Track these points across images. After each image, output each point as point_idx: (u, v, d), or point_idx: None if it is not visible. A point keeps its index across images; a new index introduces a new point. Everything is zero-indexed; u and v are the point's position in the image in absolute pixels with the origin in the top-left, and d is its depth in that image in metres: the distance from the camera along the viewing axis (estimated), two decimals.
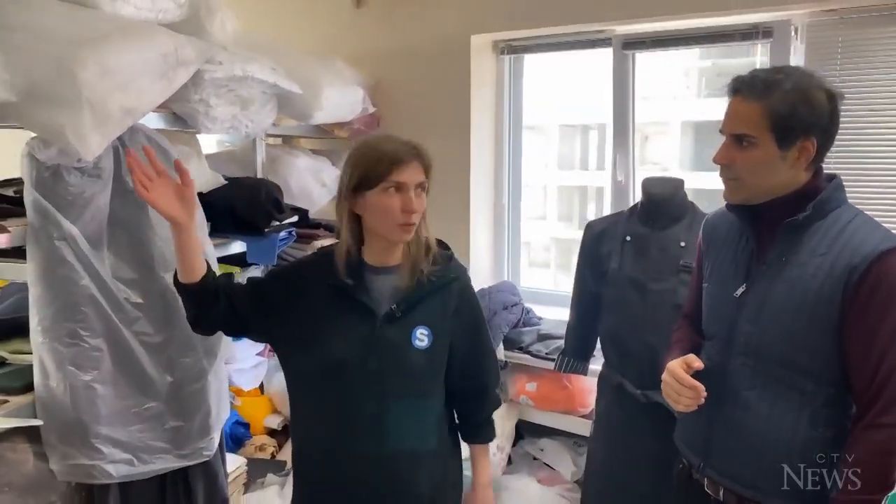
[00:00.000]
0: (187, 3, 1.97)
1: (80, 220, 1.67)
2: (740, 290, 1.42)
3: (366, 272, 1.51)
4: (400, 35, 3.15)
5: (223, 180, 2.32)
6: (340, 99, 2.72)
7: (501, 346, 2.81)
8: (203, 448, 1.91)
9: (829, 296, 1.29)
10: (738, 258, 1.46)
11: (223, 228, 2.22)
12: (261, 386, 2.80)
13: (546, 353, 2.71)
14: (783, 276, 1.35)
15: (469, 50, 3.02)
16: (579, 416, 2.71)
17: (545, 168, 7.11)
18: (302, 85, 2.41)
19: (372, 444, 1.48)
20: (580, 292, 2.28)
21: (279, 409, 2.84)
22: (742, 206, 1.43)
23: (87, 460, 1.69)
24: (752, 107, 1.33)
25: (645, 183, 2.10)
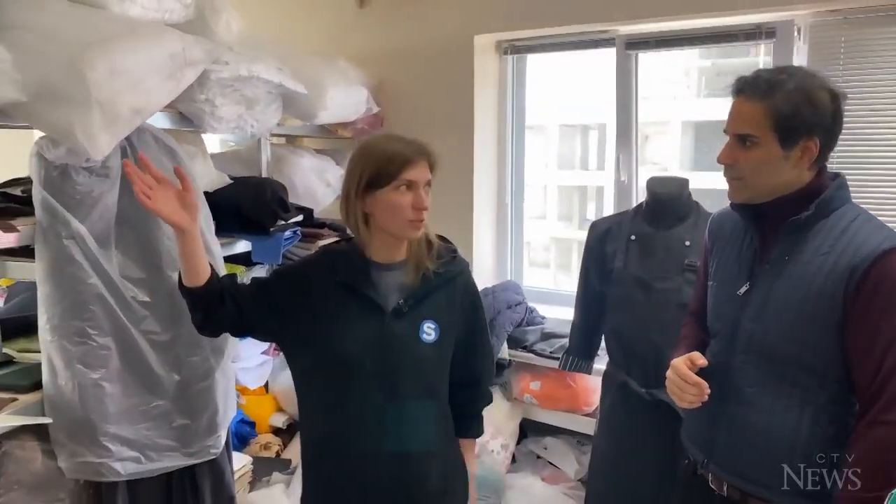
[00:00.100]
0: (193, 4, 1.98)
1: (88, 220, 1.68)
2: (743, 289, 1.43)
3: (372, 269, 1.53)
4: (403, 35, 3.15)
5: (228, 180, 2.33)
6: (345, 99, 2.73)
7: (505, 345, 2.82)
8: (210, 446, 1.91)
9: (831, 294, 1.29)
10: (742, 257, 1.47)
11: (228, 228, 2.22)
12: (265, 385, 2.81)
13: (550, 352, 2.72)
14: (786, 275, 1.36)
15: (472, 50, 3.03)
16: (583, 415, 2.72)
17: (545, 168, 7.12)
18: (307, 85, 2.42)
19: (385, 440, 1.49)
20: (585, 291, 2.29)
21: (284, 407, 2.85)
22: (746, 206, 1.44)
23: (96, 458, 1.70)
24: (756, 107, 1.34)
25: (650, 182, 2.11)
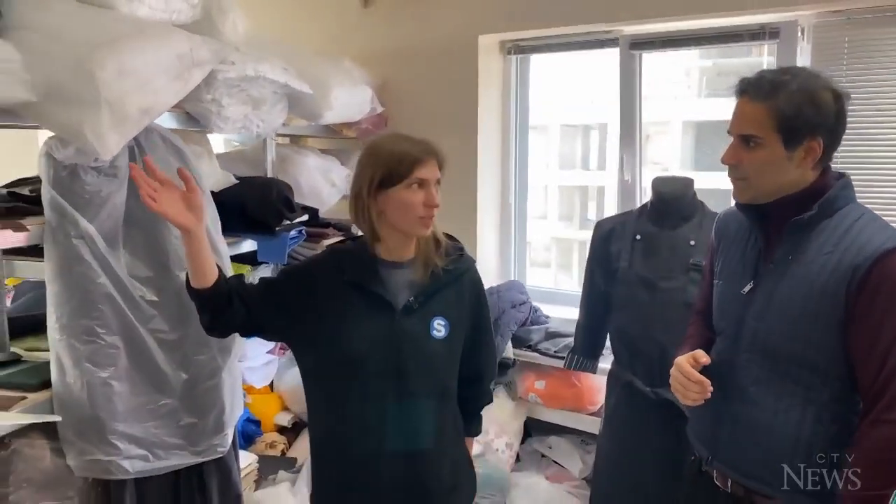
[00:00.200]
0: (200, 4, 1.98)
1: (96, 219, 1.69)
2: (747, 288, 1.44)
3: (381, 267, 1.54)
4: (407, 35, 3.16)
5: (234, 179, 2.34)
6: (349, 99, 2.74)
7: (510, 345, 2.83)
8: (217, 444, 1.92)
9: (833, 293, 1.30)
10: (747, 256, 1.48)
11: (234, 227, 2.22)
12: (271, 384, 2.82)
13: (554, 352, 2.73)
14: (789, 274, 1.37)
15: (476, 50, 3.04)
16: (587, 414, 2.73)
17: (546, 168, 7.12)
18: (312, 85, 2.42)
19: (397, 437, 1.50)
20: (589, 291, 2.29)
21: (289, 406, 2.86)
22: (750, 205, 1.45)
23: (104, 456, 1.70)
24: (759, 107, 1.34)
25: (655, 182, 2.12)
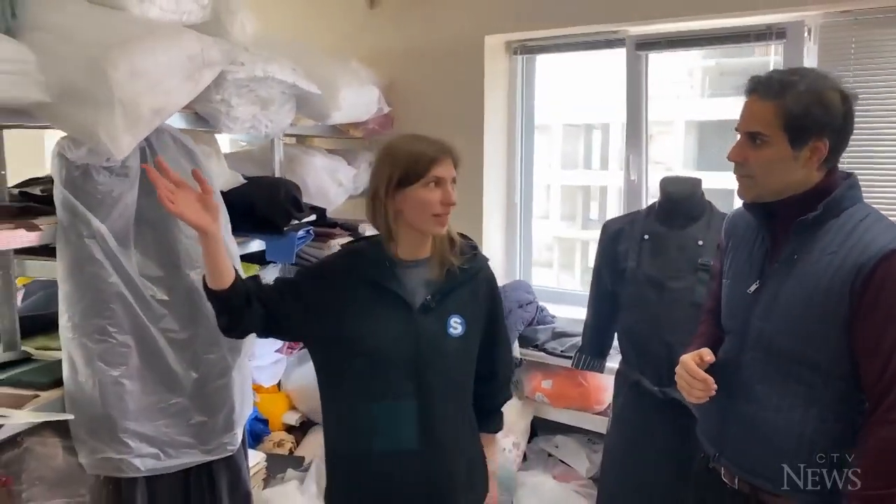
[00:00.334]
0: (210, 5, 1.99)
1: (108, 219, 1.69)
2: (753, 287, 1.45)
3: (397, 267, 1.56)
4: (413, 35, 3.17)
5: (242, 179, 2.35)
6: (357, 99, 2.74)
7: (517, 344, 2.83)
8: (227, 443, 1.93)
9: (837, 292, 1.31)
10: (754, 256, 1.49)
11: (242, 227, 2.23)
12: (278, 383, 2.83)
13: (561, 351, 2.73)
14: (794, 274, 1.38)
15: (483, 50, 3.04)
16: (594, 413, 2.74)
17: (549, 167, 7.14)
18: (320, 85, 2.43)
19: (416, 435, 1.52)
20: (597, 291, 2.30)
21: (297, 405, 2.87)
22: (757, 205, 1.46)
23: (116, 454, 1.71)
24: (767, 106, 1.35)
25: (663, 182, 2.13)
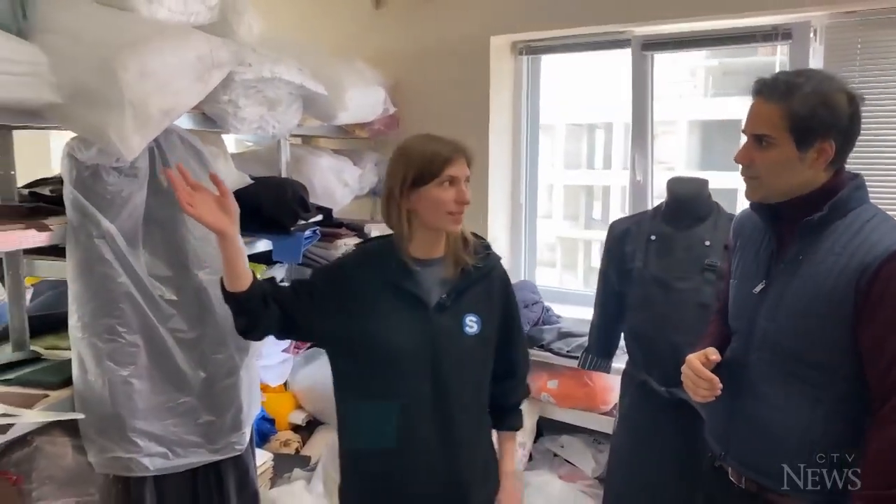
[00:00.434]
0: (217, 6, 2.00)
1: (117, 219, 1.70)
2: (759, 287, 1.46)
3: (412, 266, 1.57)
4: (419, 36, 3.18)
5: (249, 180, 2.35)
6: (363, 100, 2.75)
7: None
8: (235, 442, 1.93)
9: (842, 292, 1.31)
10: (760, 256, 1.50)
11: (249, 227, 2.23)
12: (284, 382, 2.84)
13: (567, 351, 2.74)
14: (800, 274, 1.38)
15: (488, 51, 3.05)
16: (600, 414, 2.75)
17: (551, 167, 7.15)
18: (327, 86, 2.44)
19: (434, 431, 1.54)
20: (604, 291, 2.30)
21: (303, 405, 2.88)
22: (763, 206, 1.47)
23: (125, 453, 1.72)
24: (773, 108, 1.36)
25: (670, 183, 2.13)
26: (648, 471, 2.11)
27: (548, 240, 7.46)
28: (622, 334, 2.30)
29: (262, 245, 2.30)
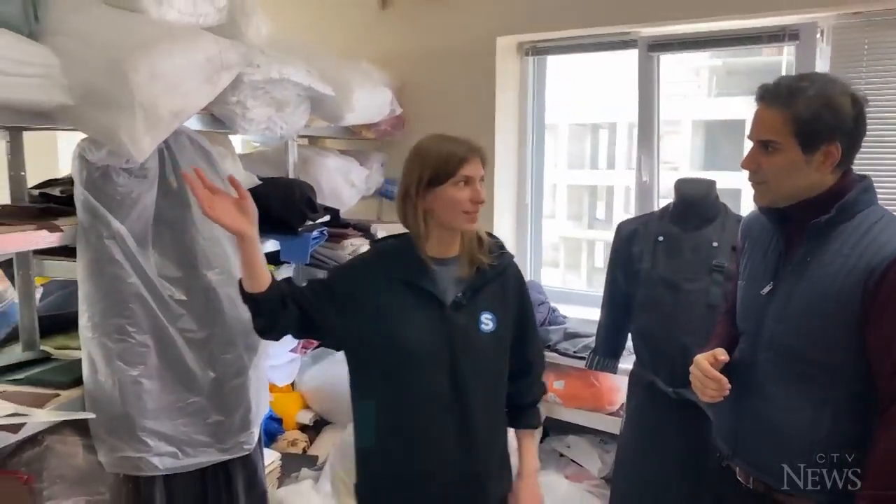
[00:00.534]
0: (226, 8, 2.01)
1: (127, 220, 1.71)
2: (767, 289, 1.46)
3: (428, 265, 1.58)
4: (425, 37, 3.18)
5: (257, 180, 2.36)
6: (370, 100, 2.76)
7: None
8: (244, 442, 1.94)
9: (849, 294, 1.31)
10: (768, 258, 1.50)
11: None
12: (291, 382, 2.84)
13: (573, 352, 2.74)
14: (807, 276, 1.38)
15: (494, 51, 3.05)
16: (606, 414, 2.75)
17: (555, 167, 7.15)
18: (333, 87, 2.45)
19: (452, 428, 1.55)
20: (611, 292, 2.30)
21: (310, 404, 2.89)
22: (771, 208, 1.47)
23: (135, 453, 1.73)
24: (776, 114, 1.36)
25: (678, 184, 2.13)
26: (655, 471, 2.12)
27: (551, 240, 7.47)
28: (629, 335, 2.30)
29: (270, 245, 2.31)
